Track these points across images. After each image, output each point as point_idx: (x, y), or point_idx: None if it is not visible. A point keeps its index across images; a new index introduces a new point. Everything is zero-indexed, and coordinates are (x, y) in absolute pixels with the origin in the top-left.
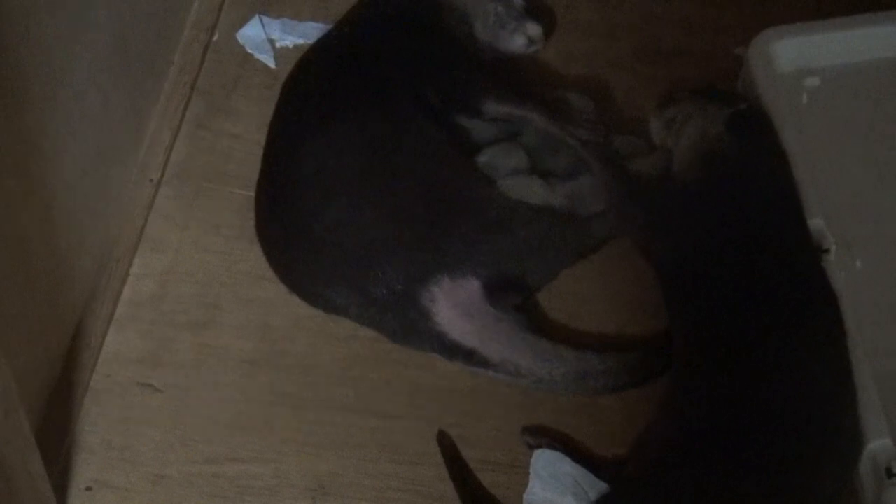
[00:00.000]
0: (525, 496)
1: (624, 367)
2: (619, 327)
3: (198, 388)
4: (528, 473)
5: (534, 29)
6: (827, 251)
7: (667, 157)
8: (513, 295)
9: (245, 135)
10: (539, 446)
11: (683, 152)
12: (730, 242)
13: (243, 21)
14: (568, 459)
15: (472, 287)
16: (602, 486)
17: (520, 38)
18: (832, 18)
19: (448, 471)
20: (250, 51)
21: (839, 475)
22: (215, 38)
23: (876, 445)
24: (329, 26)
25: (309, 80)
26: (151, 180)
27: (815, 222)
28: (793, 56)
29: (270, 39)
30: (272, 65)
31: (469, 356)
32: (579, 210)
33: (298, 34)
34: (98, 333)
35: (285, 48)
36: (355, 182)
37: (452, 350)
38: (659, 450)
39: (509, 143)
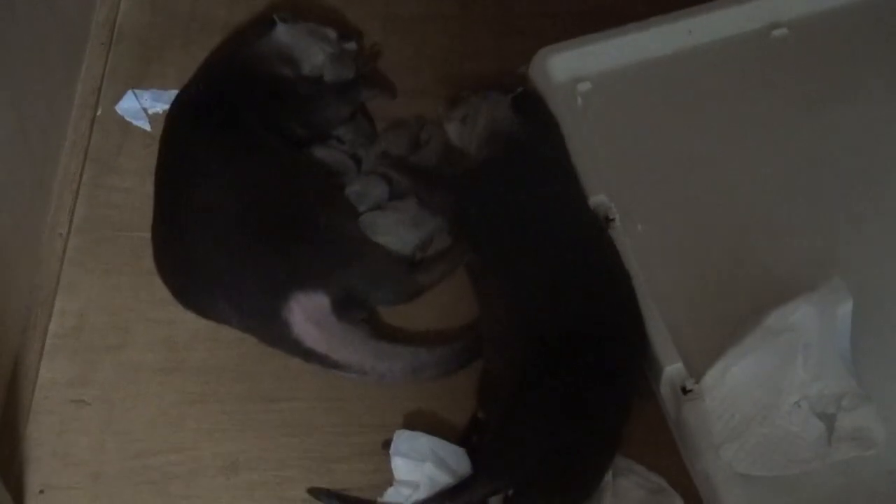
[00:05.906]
0: (392, 465)
1: (449, 356)
2: (440, 326)
3: (120, 398)
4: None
5: (350, 45)
6: (613, 220)
7: (438, 146)
8: (356, 311)
9: (134, 188)
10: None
11: (479, 139)
12: (527, 206)
13: (119, 96)
14: (423, 434)
15: (322, 302)
16: (454, 448)
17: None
18: (595, 33)
19: None
20: (129, 119)
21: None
22: (98, 112)
23: (671, 369)
24: None
25: (179, 132)
26: (61, 234)
27: (600, 198)
28: (566, 67)
29: (144, 108)
30: (148, 129)
31: (322, 360)
32: (406, 251)
33: (166, 101)
34: (33, 363)
35: (157, 114)
36: (230, 212)
37: (308, 354)
38: (498, 395)
39: (375, 175)
